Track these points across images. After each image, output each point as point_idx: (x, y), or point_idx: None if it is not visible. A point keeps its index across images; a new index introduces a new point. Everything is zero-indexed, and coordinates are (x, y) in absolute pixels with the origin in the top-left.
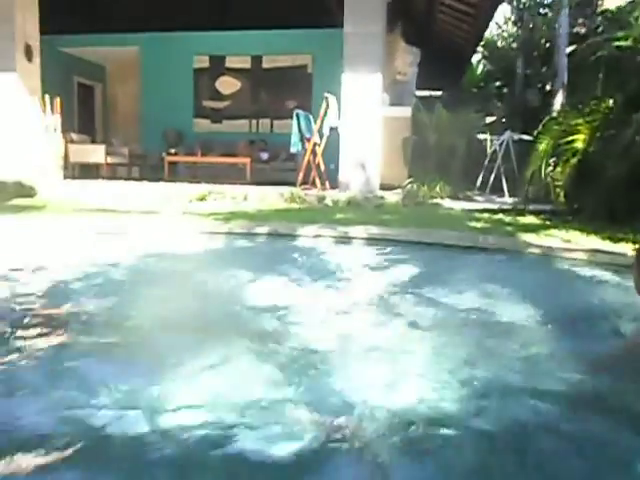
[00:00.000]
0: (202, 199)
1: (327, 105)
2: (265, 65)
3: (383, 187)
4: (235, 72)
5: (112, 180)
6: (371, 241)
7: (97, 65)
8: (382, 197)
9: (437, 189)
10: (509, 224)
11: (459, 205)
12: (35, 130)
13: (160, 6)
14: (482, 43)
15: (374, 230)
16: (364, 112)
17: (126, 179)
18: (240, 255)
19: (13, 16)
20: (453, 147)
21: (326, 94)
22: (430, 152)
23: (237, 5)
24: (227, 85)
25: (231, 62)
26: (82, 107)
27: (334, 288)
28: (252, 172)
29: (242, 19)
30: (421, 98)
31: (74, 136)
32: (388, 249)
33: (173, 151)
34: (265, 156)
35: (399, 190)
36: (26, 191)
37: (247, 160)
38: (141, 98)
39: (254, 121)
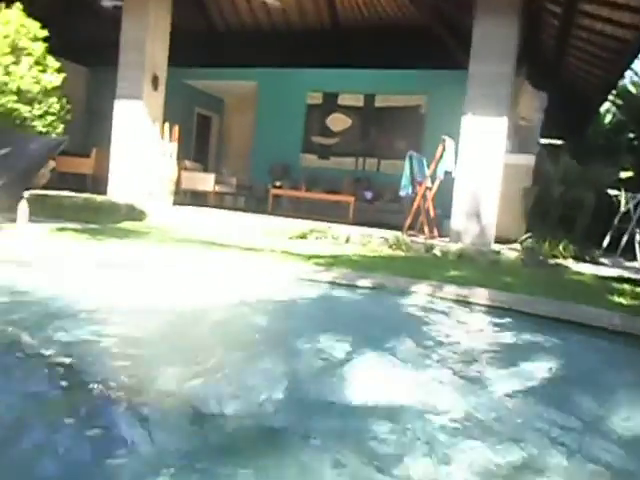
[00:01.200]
0: (303, 237)
1: (444, 148)
2: (378, 104)
3: (498, 240)
4: (347, 109)
5: (219, 209)
6: (496, 310)
7: (216, 97)
8: (498, 252)
9: (560, 248)
10: None
11: (587, 269)
12: (153, 155)
13: (278, 43)
14: (614, 91)
15: (498, 296)
16: (485, 158)
17: (232, 209)
18: (342, 313)
19: (144, 47)
20: (580, 202)
21: (444, 136)
22: (553, 205)
23: (352, 44)
24: (338, 122)
25: (344, 100)
26: (199, 136)
27: (458, 377)
28: (355, 211)
29: (357, 58)
30: (545, 146)
31: (188, 163)
32: (517, 323)
33: (278, 184)
34: (369, 195)
35: (515, 245)
36: (136, 215)
37: (351, 199)
38: (254, 131)
39: (361, 159)
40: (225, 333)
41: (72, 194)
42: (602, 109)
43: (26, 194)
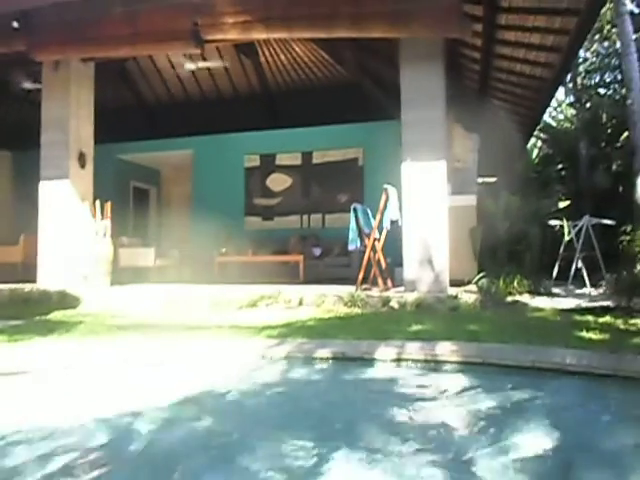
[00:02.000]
0: (253, 305)
1: (387, 197)
2: (315, 160)
3: (451, 283)
4: (286, 169)
5: (162, 283)
6: (471, 367)
7: (152, 169)
8: (455, 297)
9: (514, 284)
10: (631, 332)
11: (545, 303)
12: (84, 236)
13: (210, 110)
14: (539, 127)
15: (468, 349)
16: (429, 202)
17: (176, 282)
18: (300, 399)
19: (67, 125)
20: (525, 236)
21: (385, 185)
22: (500, 242)
23: (283, 104)
24: (278, 182)
25: (281, 159)
26: (137, 210)
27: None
28: (305, 269)
29: (289, 117)
30: (482, 185)
31: (125, 240)
32: (494, 378)
33: (224, 250)
34: (318, 252)
35: (470, 286)
36: (69, 302)
37: (299, 258)
38: (193, 199)
39: (305, 216)
40: (150, 451)
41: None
42: (529, 145)
43: None
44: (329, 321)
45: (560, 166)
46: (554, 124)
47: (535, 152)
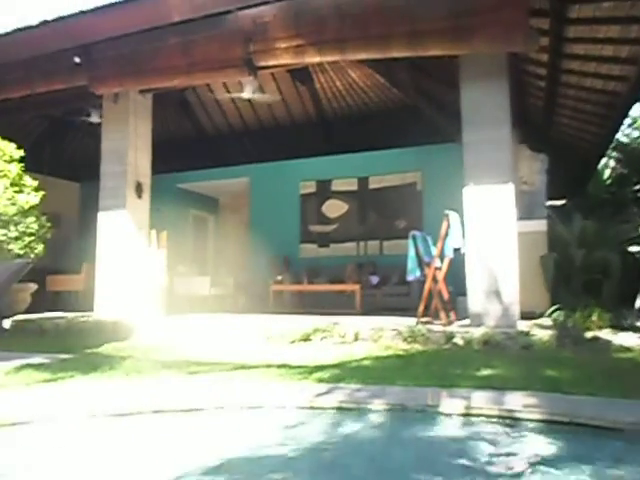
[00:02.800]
0: (307, 339)
1: (448, 223)
2: (372, 185)
3: (521, 316)
4: (342, 195)
5: (217, 313)
6: (555, 427)
7: (211, 198)
8: (527, 333)
9: (593, 317)
10: None
11: (631, 340)
12: (140, 265)
13: (266, 138)
14: (612, 145)
15: (551, 403)
16: (495, 229)
17: (231, 311)
18: (351, 466)
19: (125, 156)
20: (603, 264)
21: (447, 211)
22: (575, 271)
23: (339, 130)
24: (334, 208)
25: (337, 185)
26: (196, 238)
27: None
28: (361, 299)
29: (345, 143)
30: (552, 209)
31: (181, 268)
32: (595, 448)
33: (279, 278)
34: (375, 280)
35: (542, 321)
36: (122, 332)
37: (356, 287)
38: (249, 226)
39: (362, 243)
40: None
41: (56, 315)
42: (600, 165)
43: (6, 322)
44: (387, 360)
45: (637, 187)
46: (628, 142)
47: (607, 172)
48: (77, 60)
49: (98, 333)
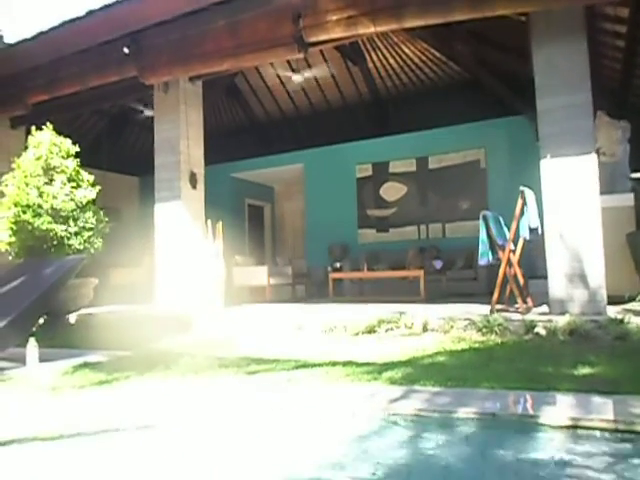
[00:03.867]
0: (371, 331)
1: (524, 201)
2: (432, 165)
3: (608, 301)
4: (400, 176)
5: (276, 303)
6: None
7: (266, 186)
8: (621, 320)
9: None
10: None
11: None
12: (197, 257)
13: (322, 122)
14: None
15: None
16: (576, 205)
17: (290, 300)
18: None
19: (178, 146)
20: None
21: (522, 187)
22: None
23: (394, 110)
24: (392, 191)
25: (395, 167)
26: (252, 228)
27: None
28: (426, 285)
29: (401, 123)
30: (636, 181)
31: (239, 258)
32: None
33: (338, 265)
34: (439, 265)
35: (633, 305)
36: (181, 326)
37: (420, 272)
38: (305, 213)
39: (423, 227)
40: None
41: (118, 309)
42: None
43: (72, 317)
44: (463, 355)
45: None
46: None
47: None
48: (126, 50)
49: (157, 327)
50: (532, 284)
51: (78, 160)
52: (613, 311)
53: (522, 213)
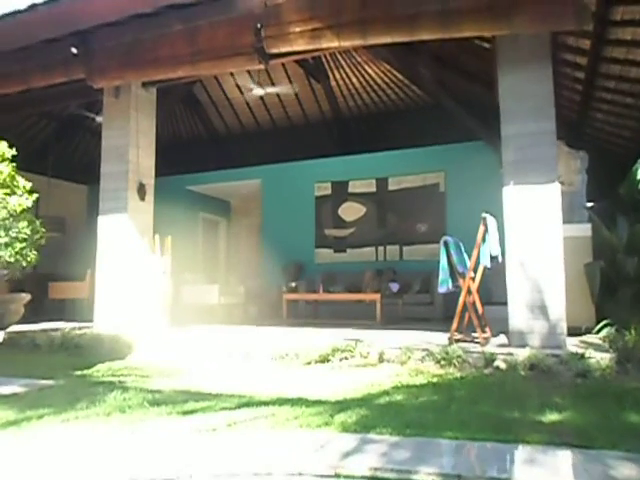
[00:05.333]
0: (324, 360)
1: (485, 228)
2: (392, 187)
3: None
4: (359, 197)
5: (225, 324)
6: None
7: (222, 201)
8: (582, 356)
9: None
10: None
11: None
12: (143, 273)
13: (280, 138)
14: None
15: None
16: (539, 234)
17: (241, 322)
18: None
19: (126, 155)
20: None
21: (484, 214)
22: (624, 281)
23: (356, 129)
24: (351, 211)
25: (354, 187)
26: (206, 243)
27: None
28: (382, 309)
29: (364, 143)
30: (592, 210)
31: (188, 276)
32: None
33: (293, 285)
34: (395, 287)
35: (589, 337)
36: (119, 349)
37: (376, 296)
38: (262, 230)
39: (381, 248)
40: None
41: (53, 327)
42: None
43: (0, 335)
44: (422, 393)
45: None
46: None
47: None
48: (74, 51)
49: (95, 349)
50: (487, 310)
51: (14, 165)
52: (571, 343)
53: (483, 240)
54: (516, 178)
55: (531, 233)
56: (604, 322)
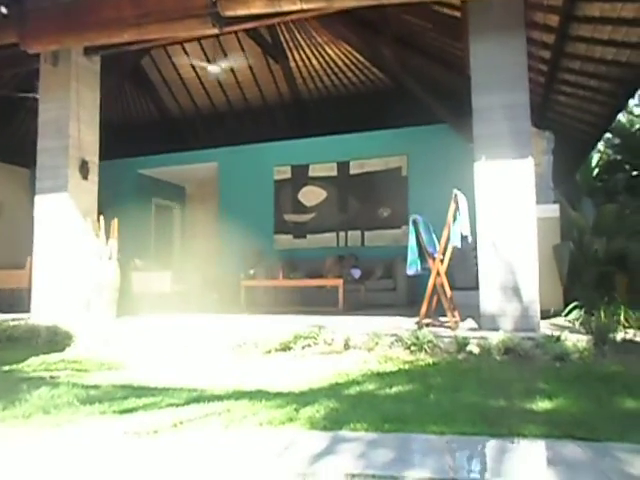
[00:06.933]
0: (286, 349)
1: (457, 206)
2: (353, 171)
3: None
4: (320, 181)
5: (178, 313)
6: None
7: (177, 186)
8: (558, 338)
9: (621, 316)
10: None
11: None
12: (84, 258)
13: (239, 121)
14: (609, 128)
15: None
16: (512, 213)
17: (196, 311)
18: None
19: (67, 128)
20: (623, 255)
21: (455, 191)
22: (590, 263)
23: (316, 112)
24: (311, 196)
25: (315, 171)
26: (159, 229)
27: None
28: (344, 295)
29: (324, 126)
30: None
31: (138, 262)
32: None
33: (252, 272)
34: (357, 274)
35: (558, 320)
36: (58, 340)
37: (338, 282)
38: (219, 216)
39: (342, 234)
40: None
41: None
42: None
43: None
44: (395, 381)
45: (634, 173)
46: (629, 125)
47: (595, 158)
48: (4, 11)
49: (30, 341)
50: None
51: None
52: (543, 326)
53: (454, 219)
54: (488, 153)
55: (504, 211)
56: (573, 304)
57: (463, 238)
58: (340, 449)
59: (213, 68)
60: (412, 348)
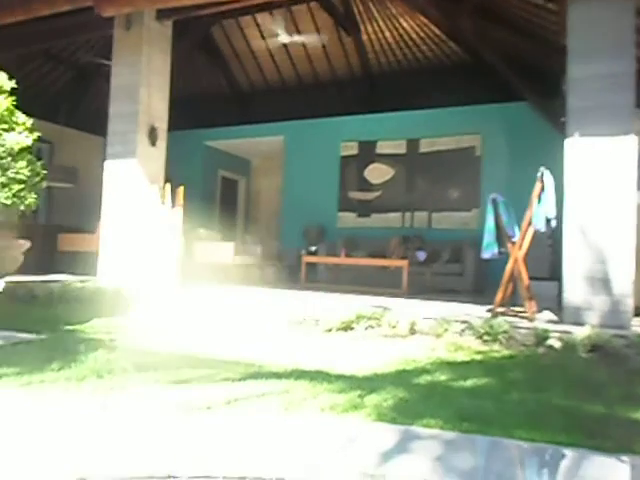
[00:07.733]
0: (347, 328)
1: (542, 186)
2: (423, 149)
3: None
4: (387, 158)
5: (241, 285)
6: None
7: (242, 159)
8: None
9: None
10: None
11: None
12: (150, 225)
13: (308, 94)
14: None
15: None
16: (607, 196)
17: (256, 284)
18: None
19: (137, 94)
20: None
21: (542, 169)
22: None
23: (387, 87)
24: (378, 173)
25: (383, 147)
26: (224, 202)
27: None
28: (408, 278)
29: (395, 101)
30: None
31: (202, 232)
32: None
33: (313, 249)
34: (422, 256)
35: None
36: (120, 304)
37: (404, 263)
38: (283, 191)
39: (408, 214)
40: None
41: (53, 279)
42: None
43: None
44: (468, 373)
45: None
46: None
47: None
48: None
49: (94, 302)
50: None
51: (14, 98)
52: (634, 324)
53: (539, 200)
54: (582, 128)
55: (596, 194)
56: None
57: (547, 222)
58: (413, 448)
59: (283, 37)
60: (485, 337)
